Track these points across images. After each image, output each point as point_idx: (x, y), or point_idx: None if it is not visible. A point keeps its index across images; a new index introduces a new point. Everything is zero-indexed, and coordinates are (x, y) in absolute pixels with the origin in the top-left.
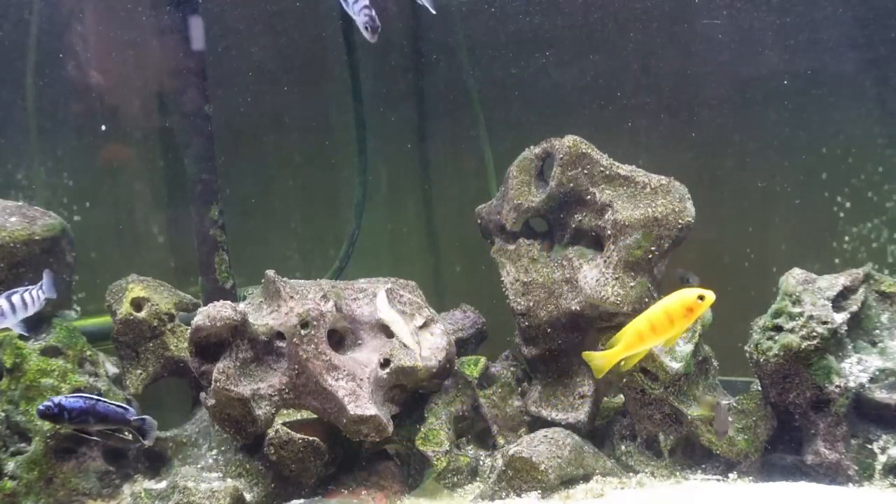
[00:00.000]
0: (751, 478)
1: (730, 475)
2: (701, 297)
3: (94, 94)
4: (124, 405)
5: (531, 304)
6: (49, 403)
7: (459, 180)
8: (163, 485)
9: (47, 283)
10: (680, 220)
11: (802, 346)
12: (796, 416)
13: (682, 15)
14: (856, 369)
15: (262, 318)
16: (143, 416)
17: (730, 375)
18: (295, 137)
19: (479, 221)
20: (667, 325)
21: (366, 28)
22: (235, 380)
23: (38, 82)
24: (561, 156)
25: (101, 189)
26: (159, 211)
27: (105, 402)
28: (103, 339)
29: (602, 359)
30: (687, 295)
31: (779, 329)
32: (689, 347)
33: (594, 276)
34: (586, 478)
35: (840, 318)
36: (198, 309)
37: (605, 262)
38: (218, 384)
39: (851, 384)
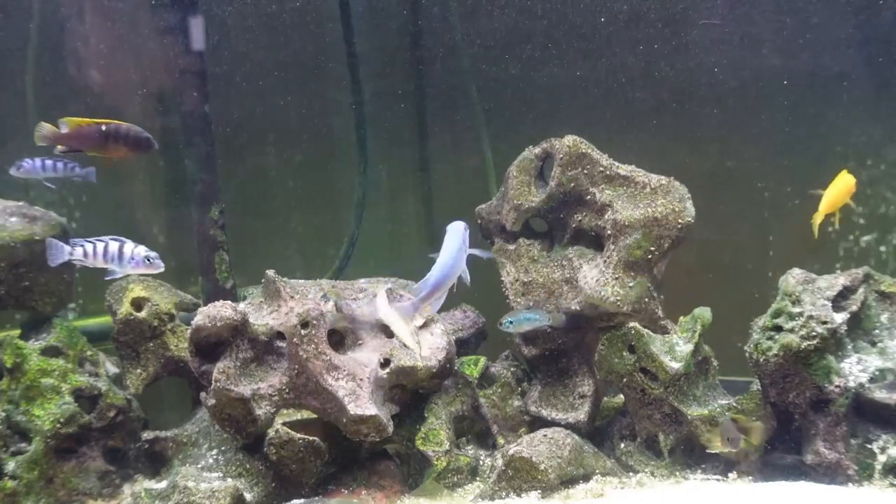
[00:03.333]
0: (750, 477)
1: (729, 475)
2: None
3: (94, 93)
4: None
5: (531, 304)
6: None
7: (459, 180)
8: (163, 485)
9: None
10: (680, 220)
11: (802, 346)
12: (796, 415)
13: (683, 14)
14: (855, 369)
15: (263, 318)
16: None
17: (730, 375)
18: (295, 137)
19: (479, 221)
20: (845, 198)
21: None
22: (235, 380)
23: (37, 82)
24: (561, 156)
25: (101, 189)
26: (159, 211)
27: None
28: (103, 339)
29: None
30: (848, 177)
31: (778, 329)
32: (689, 347)
33: (594, 276)
34: (586, 477)
35: (840, 318)
36: (198, 309)
37: (605, 262)
38: (218, 384)
39: (851, 384)
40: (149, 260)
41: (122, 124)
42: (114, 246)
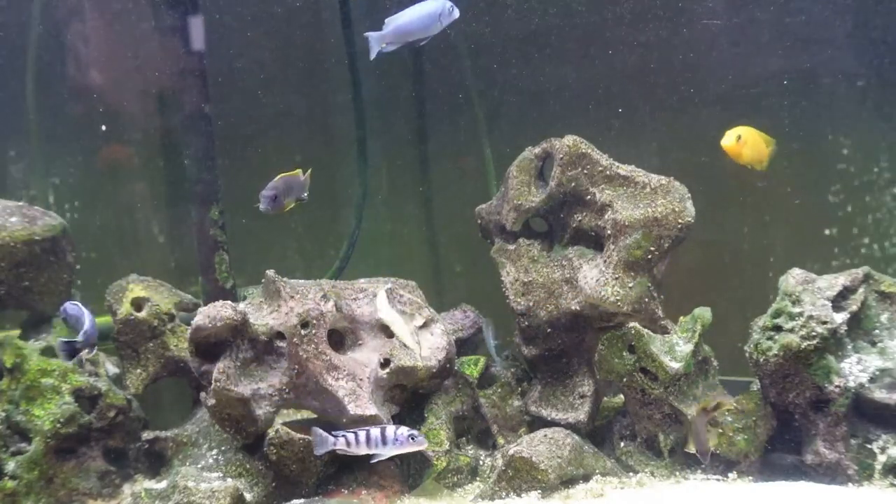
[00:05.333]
0: (750, 478)
1: (729, 475)
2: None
3: (95, 94)
4: None
5: (531, 304)
6: None
7: (459, 180)
8: (163, 485)
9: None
10: (680, 220)
11: (802, 346)
12: (796, 416)
13: (682, 14)
14: (855, 369)
15: (263, 318)
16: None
17: (730, 375)
18: (295, 137)
19: (479, 221)
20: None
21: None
22: (235, 380)
23: (38, 82)
24: (561, 156)
25: (101, 189)
26: (159, 211)
27: None
28: (103, 339)
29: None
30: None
31: (778, 329)
32: (689, 347)
33: (594, 276)
34: (586, 478)
35: (840, 317)
36: (198, 309)
37: (605, 262)
38: (218, 384)
39: (851, 384)
40: (413, 438)
41: (290, 178)
42: (376, 432)
